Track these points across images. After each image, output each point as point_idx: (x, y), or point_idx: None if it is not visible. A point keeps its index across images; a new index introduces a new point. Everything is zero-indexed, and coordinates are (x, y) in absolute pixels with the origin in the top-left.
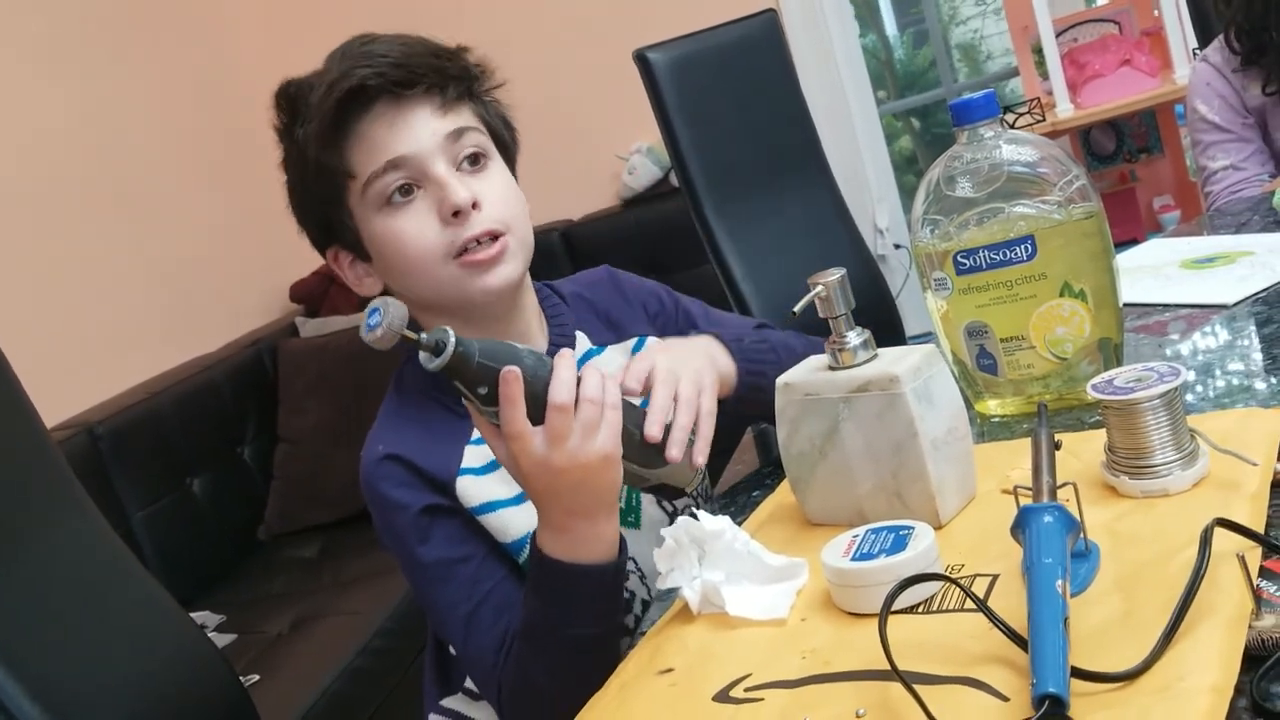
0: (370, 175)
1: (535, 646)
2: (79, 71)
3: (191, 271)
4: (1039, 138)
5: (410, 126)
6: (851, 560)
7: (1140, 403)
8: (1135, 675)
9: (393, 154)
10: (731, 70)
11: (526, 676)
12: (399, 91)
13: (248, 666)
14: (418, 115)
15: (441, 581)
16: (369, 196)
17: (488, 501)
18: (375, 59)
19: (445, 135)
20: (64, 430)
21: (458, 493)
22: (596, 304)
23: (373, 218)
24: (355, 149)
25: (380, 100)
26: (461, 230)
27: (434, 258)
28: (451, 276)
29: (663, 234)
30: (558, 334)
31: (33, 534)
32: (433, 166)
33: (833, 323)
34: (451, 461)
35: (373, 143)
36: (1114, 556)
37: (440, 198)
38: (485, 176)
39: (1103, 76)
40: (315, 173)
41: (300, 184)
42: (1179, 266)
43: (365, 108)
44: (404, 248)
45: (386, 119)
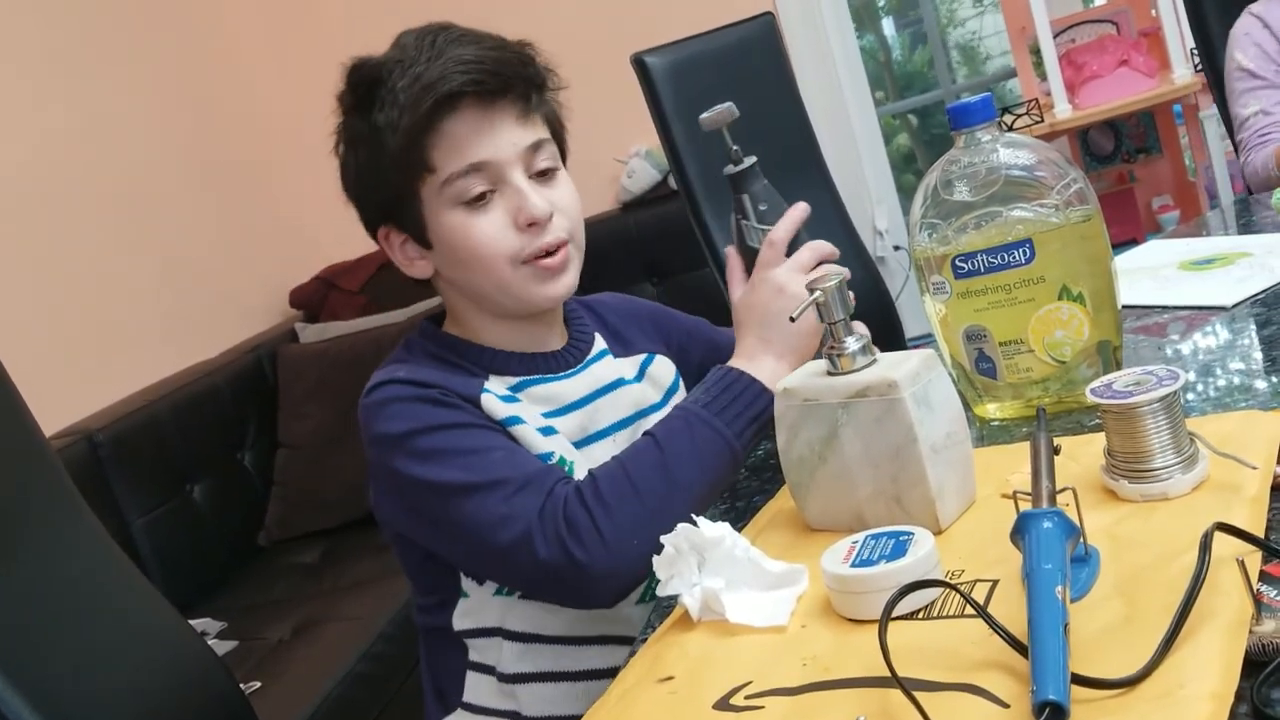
0: (451, 174)
1: (671, 427)
2: (78, 77)
3: (191, 278)
4: (1036, 141)
5: (495, 133)
6: (851, 566)
7: (1139, 407)
8: (1136, 682)
9: (476, 158)
10: (729, 73)
11: (636, 456)
12: (489, 99)
13: (249, 673)
14: (503, 122)
15: (461, 434)
16: (446, 193)
17: (513, 415)
18: (469, 65)
19: (525, 147)
20: (64, 437)
21: (483, 405)
22: (606, 318)
23: (446, 212)
24: (438, 146)
25: (469, 102)
26: (536, 239)
27: (505, 261)
28: (519, 279)
29: (662, 237)
30: (578, 332)
31: (31, 542)
32: (512, 175)
33: (831, 328)
34: (473, 390)
35: (456, 143)
36: (1114, 561)
37: (519, 206)
38: (555, 185)
39: (1101, 77)
40: (393, 162)
41: (369, 167)
42: (1177, 268)
43: (453, 107)
44: (477, 248)
45: (472, 123)
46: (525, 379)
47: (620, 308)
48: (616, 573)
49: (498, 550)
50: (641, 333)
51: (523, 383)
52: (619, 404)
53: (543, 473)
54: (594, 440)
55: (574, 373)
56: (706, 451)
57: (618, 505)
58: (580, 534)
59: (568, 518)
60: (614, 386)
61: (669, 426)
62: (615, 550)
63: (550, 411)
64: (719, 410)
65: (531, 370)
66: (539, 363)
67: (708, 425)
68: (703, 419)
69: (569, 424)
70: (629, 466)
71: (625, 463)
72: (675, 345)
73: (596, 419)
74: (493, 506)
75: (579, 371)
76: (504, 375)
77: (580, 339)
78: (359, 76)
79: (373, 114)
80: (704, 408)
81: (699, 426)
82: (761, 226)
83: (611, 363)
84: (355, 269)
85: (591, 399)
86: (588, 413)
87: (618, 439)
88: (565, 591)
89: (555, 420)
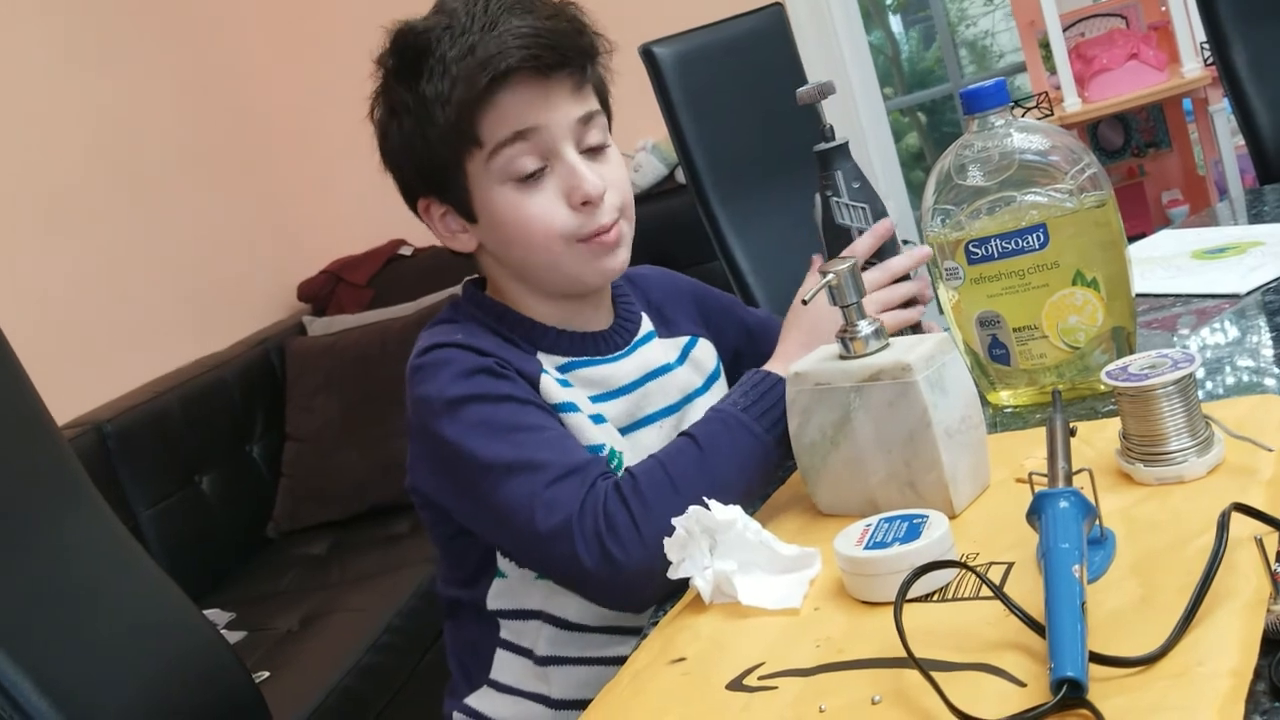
0: (498, 144)
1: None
2: (90, 73)
3: (199, 271)
4: (1050, 125)
5: (549, 105)
6: (865, 549)
7: (1155, 389)
8: (1153, 660)
9: (524, 124)
10: (738, 64)
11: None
12: (546, 72)
13: (258, 663)
14: (557, 94)
15: (519, 409)
16: (493, 166)
17: (568, 401)
18: (527, 38)
19: (576, 120)
20: (73, 429)
21: (541, 387)
22: (650, 294)
23: (494, 188)
24: (489, 119)
25: (523, 75)
26: (590, 218)
27: (559, 239)
28: (573, 257)
29: (670, 230)
30: (625, 310)
31: (42, 528)
32: (563, 149)
33: (844, 311)
34: (529, 369)
35: (506, 115)
36: (1130, 542)
37: (573, 185)
38: (607, 160)
39: (1110, 71)
40: (441, 135)
41: (415, 137)
42: (1190, 257)
43: (507, 81)
44: (529, 225)
45: (526, 96)
46: (575, 360)
47: (663, 283)
48: (652, 572)
49: (535, 536)
50: (684, 313)
51: (572, 363)
52: (667, 389)
53: (588, 464)
54: (641, 426)
55: (622, 355)
56: (745, 454)
57: (657, 503)
58: (619, 531)
59: (607, 513)
60: (662, 371)
61: (708, 428)
62: (653, 549)
63: (599, 395)
64: (758, 415)
65: (581, 351)
66: (588, 343)
67: (746, 429)
68: (742, 422)
69: (616, 409)
70: (669, 466)
71: (665, 462)
72: (714, 326)
73: (644, 405)
74: (536, 490)
75: (628, 354)
76: (553, 354)
77: (628, 318)
78: (405, 42)
79: (420, 84)
80: (743, 411)
81: (738, 430)
82: (854, 204)
83: (658, 345)
84: (363, 263)
85: (640, 383)
86: (635, 398)
87: (664, 425)
88: (597, 588)
89: (603, 405)
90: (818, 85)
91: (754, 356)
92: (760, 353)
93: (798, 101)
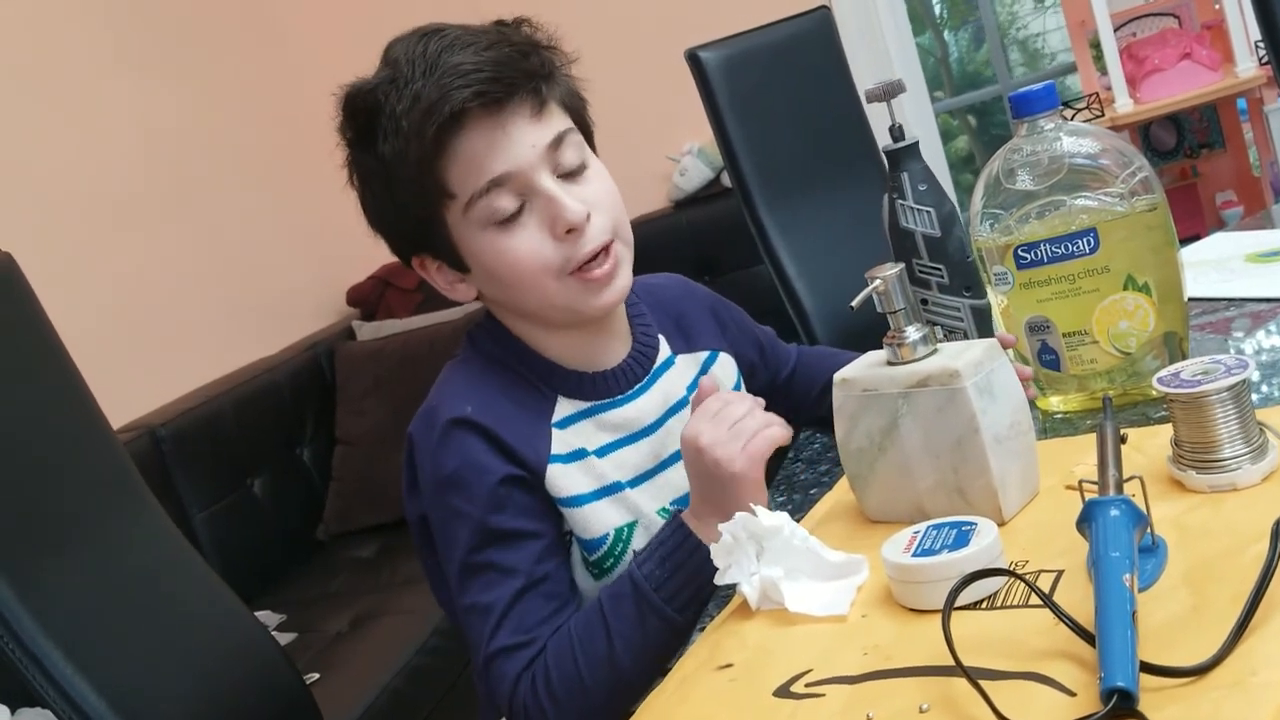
0: (473, 194)
1: (623, 611)
2: (142, 83)
3: (251, 277)
4: (1100, 129)
5: (510, 141)
6: (913, 556)
7: (1208, 395)
8: (1206, 670)
9: (495, 172)
10: (784, 68)
11: (588, 642)
12: (496, 107)
13: (308, 665)
14: (516, 126)
15: (502, 549)
16: (472, 215)
17: (575, 495)
18: (469, 76)
19: (545, 146)
20: (127, 432)
21: (547, 481)
22: (669, 305)
23: (476, 235)
24: (453, 168)
25: (475, 115)
26: (576, 247)
27: (549, 276)
28: (566, 292)
29: (715, 235)
30: (642, 335)
31: (99, 532)
32: (539, 180)
33: (891, 317)
34: (540, 446)
35: (472, 162)
36: (1182, 551)
37: (553, 215)
38: (588, 180)
39: (1162, 71)
40: (408, 192)
41: (386, 197)
42: (1244, 260)
43: (460, 125)
44: (516, 266)
45: (485, 135)
46: (596, 404)
47: (682, 294)
48: None
49: (481, 672)
50: (703, 325)
51: (594, 408)
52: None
53: (535, 637)
54: (668, 466)
55: (643, 389)
56: (656, 642)
57: (566, 701)
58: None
59: (526, 710)
60: (682, 404)
61: (621, 610)
62: None
63: (621, 439)
64: (673, 593)
65: (601, 393)
66: (608, 383)
67: (658, 615)
68: (654, 607)
69: (640, 452)
70: (580, 660)
71: (575, 651)
72: (731, 338)
73: (668, 443)
74: (484, 640)
75: (648, 387)
76: (575, 399)
77: (645, 344)
78: (355, 106)
79: (377, 145)
80: (657, 590)
81: (650, 617)
82: (920, 207)
83: (679, 369)
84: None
85: (663, 421)
86: (660, 438)
87: None
88: None
89: (626, 451)
90: (886, 83)
91: (766, 371)
92: (771, 369)
93: (866, 100)
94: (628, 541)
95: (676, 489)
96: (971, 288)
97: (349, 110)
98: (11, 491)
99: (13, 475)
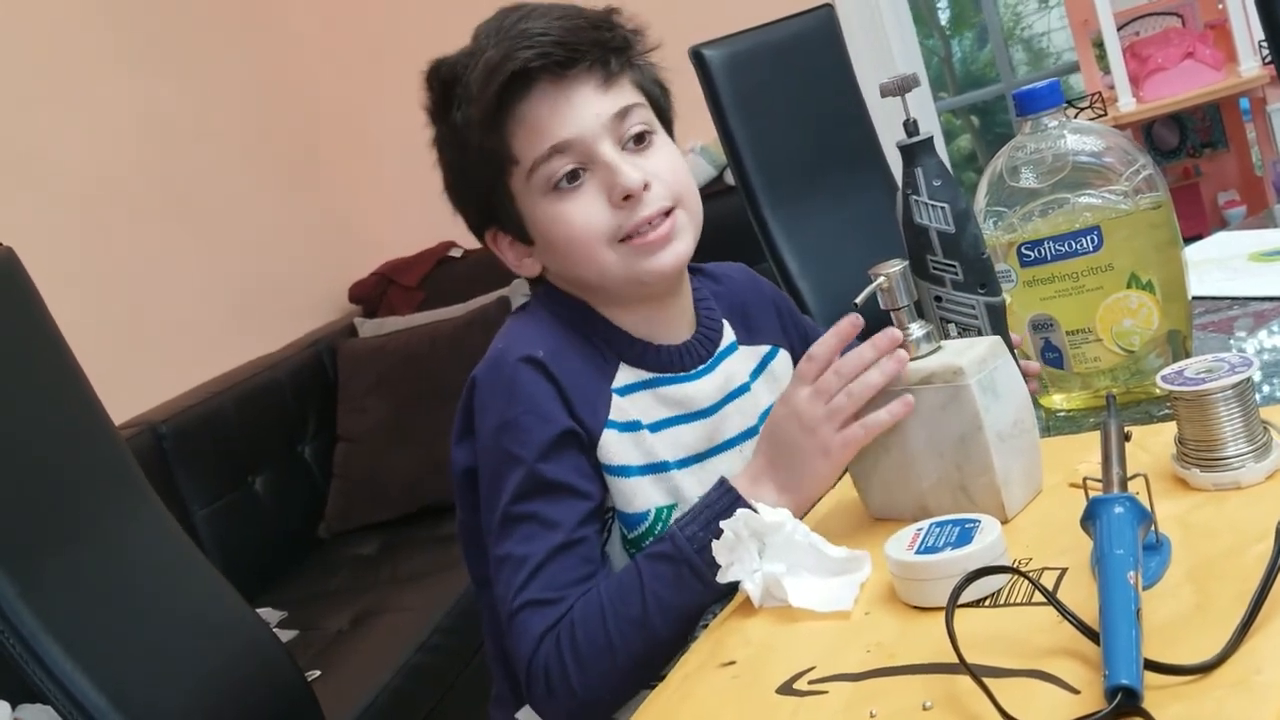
0: (535, 160)
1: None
2: (143, 78)
3: (253, 274)
4: (1104, 127)
5: (574, 108)
6: (916, 553)
7: (1212, 393)
8: (1210, 668)
9: (557, 138)
10: (788, 66)
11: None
12: (561, 72)
13: (309, 662)
14: (581, 95)
15: (549, 501)
16: (534, 181)
17: (624, 465)
18: (535, 39)
19: (611, 116)
20: (128, 429)
21: (600, 446)
22: (734, 296)
23: (538, 202)
24: (518, 133)
25: (541, 81)
26: (633, 213)
27: (601, 241)
28: (620, 259)
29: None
30: (707, 318)
31: (99, 527)
32: (600, 149)
33: (894, 315)
34: (600, 409)
35: (535, 126)
36: (1186, 549)
37: (611, 182)
38: (652, 153)
39: (1165, 70)
40: (476, 158)
41: (459, 167)
42: (1247, 259)
43: (526, 89)
44: (570, 232)
45: (549, 101)
46: (658, 375)
47: (749, 286)
48: (586, 712)
49: (505, 628)
50: (767, 319)
51: (655, 380)
52: (746, 411)
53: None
54: (720, 451)
55: (705, 370)
56: (690, 604)
57: (592, 663)
58: (556, 694)
59: (548, 674)
60: (741, 391)
61: (660, 571)
62: (586, 699)
63: (678, 417)
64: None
65: (664, 366)
66: (670, 358)
67: (698, 578)
68: (696, 570)
69: (695, 434)
70: (609, 619)
71: (605, 612)
72: (789, 336)
73: (723, 429)
74: (512, 592)
75: (710, 369)
76: (637, 367)
77: (709, 327)
78: (436, 78)
79: (451, 113)
80: (699, 551)
81: (689, 578)
82: (934, 203)
83: (741, 357)
84: (413, 264)
85: (721, 405)
86: (715, 422)
87: (744, 450)
88: (535, 705)
89: (681, 429)
90: (900, 78)
91: None
92: None
93: (881, 94)
94: (666, 522)
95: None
96: (986, 284)
97: (431, 83)
98: (12, 488)
99: (14, 472)
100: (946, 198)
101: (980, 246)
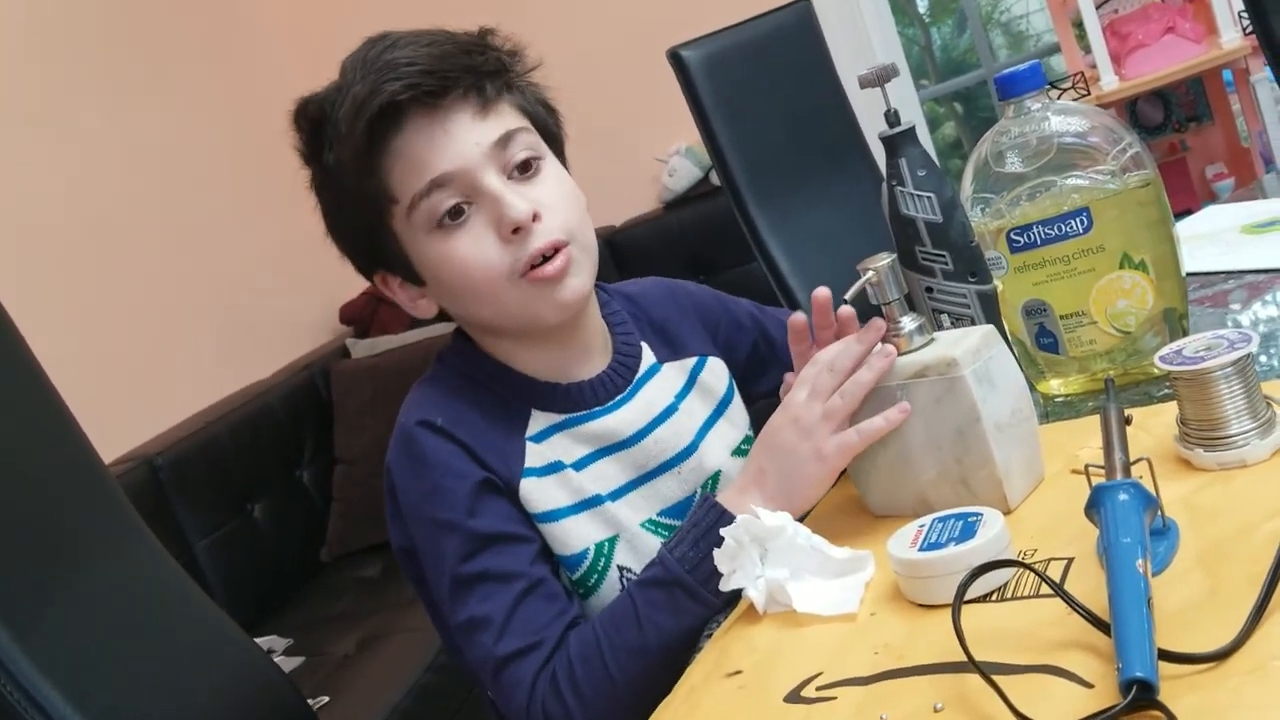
0: (414, 197)
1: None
2: (133, 104)
3: (242, 299)
4: (1088, 106)
5: (451, 138)
6: (920, 550)
7: (1212, 371)
8: (1226, 655)
9: (436, 171)
10: (768, 63)
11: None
12: (434, 102)
13: (317, 688)
14: (457, 124)
15: (494, 554)
16: (416, 219)
17: (551, 509)
18: (402, 69)
19: (491, 144)
20: (124, 463)
21: (521, 495)
22: (651, 312)
23: (422, 241)
24: (394, 170)
25: (414, 113)
26: (524, 246)
27: (499, 279)
28: (520, 297)
29: (707, 234)
30: (623, 344)
31: (91, 564)
32: (483, 180)
33: (885, 308)
34: (513, 460)
35: (412, 161)
36: (1194, 532)
37: (498, 215)
38: (540, 180)
39: (1146, 46)
40: (354, 199)
41: (337, 210)
42: (1239, 232)
43: (398, 123)
44: (465, 271)
45: (424, 133)
46: (571, 416)
47: (666, 299)
48: None
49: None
50: (690, 330)
51: (571, 420)
52: (679, 431)
53: (544, 638)
54: (657, 474)
55: (623, 400)
56: (687, 625)
57: (593, 697)
58: None
59: (547, 713)
60: (668, 414)
61: (650, 595)
62: None
63: (603, 449)
64: (709, 574)
65: (578, 404)
66: (584, 394)
67: (693, 598)
68: (690, 590)
69: (622, 464)
70: (607, 653)
71: (602, 645)
72: (722, 340)
73: (655, 453)
74: (490, 654)
75: (629, 398)
76: (549, 411)
77: (626, 354)
78: (304, 118)
79: (324, 155)
80: (691, 571)
81: (683, 600)
82: (920, 193)
83: (665, 377)
84: None
85: (648, 431)
86: (645, 447)
87: (682, 471)
88: None
89: (609, 461)
90: (879, 68)
91: (776, 364)
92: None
93: (860, 85)
94: (609, 557)
95: (665, 499)
96: (977, 273)
97: (299, 123)
98: (1, 530)
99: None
100: (932, 187)
101: (969, 235)
